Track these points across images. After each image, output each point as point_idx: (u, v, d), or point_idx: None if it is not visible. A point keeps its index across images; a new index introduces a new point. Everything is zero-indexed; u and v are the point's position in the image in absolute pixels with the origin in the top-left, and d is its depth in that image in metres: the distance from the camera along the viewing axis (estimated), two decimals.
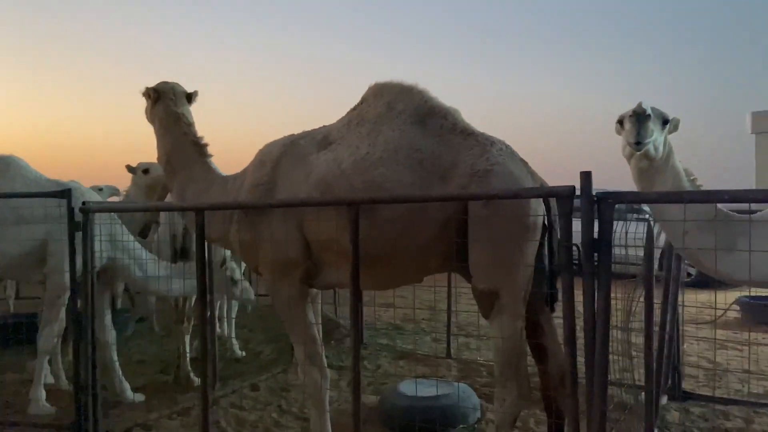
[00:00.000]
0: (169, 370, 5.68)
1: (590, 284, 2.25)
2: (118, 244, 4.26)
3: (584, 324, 2.25)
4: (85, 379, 3.74)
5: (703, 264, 2.99)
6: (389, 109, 3.12)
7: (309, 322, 3.25)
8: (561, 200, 2.31)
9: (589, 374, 2.27)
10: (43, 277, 4.31)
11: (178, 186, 3.61)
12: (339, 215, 2.88)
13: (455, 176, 2.90)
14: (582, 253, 2.25)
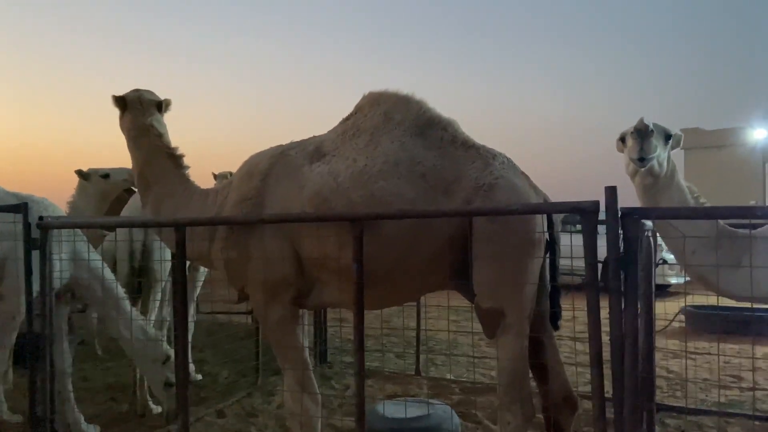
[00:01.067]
0: (121, 398, 5.30)
1: (617, 302, 2.18)
2: (81, 263, 3.90)
3: (612, 343, 2.18)
4: (43, 411, 3.38)
5: (708, 281, 3.00)
6: (387, 119, 2.99)
7: (300, 346, 3.05)
8: (586, 216, 2.24)
9: (617, 394, 2.19)
10: None
11: (153, 201, 3.32)
12: (339, 231, 2.72)
13: (459, 190, 2.79)
14: (609, 271, 2.18)
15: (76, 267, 3.89)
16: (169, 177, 3.33)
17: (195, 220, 3.04)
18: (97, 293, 3.97)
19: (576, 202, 2.26)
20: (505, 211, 2.54)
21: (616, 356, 2.18)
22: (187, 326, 3.01)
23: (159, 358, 4.07)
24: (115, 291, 4.02)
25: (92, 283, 3.95)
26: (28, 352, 3.44)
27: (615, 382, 2.19)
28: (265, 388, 5.46)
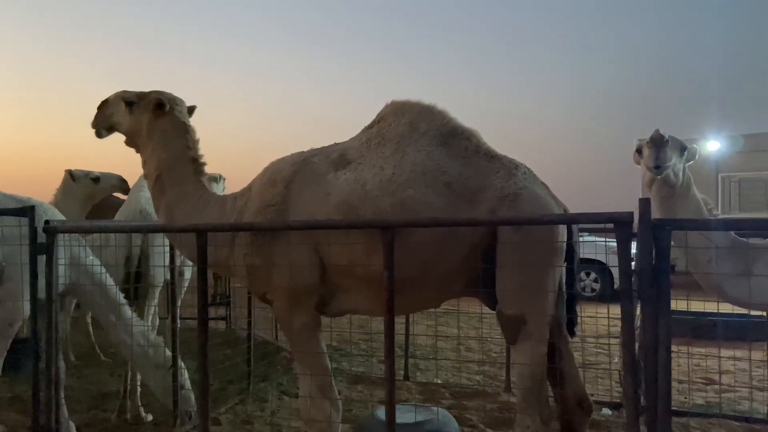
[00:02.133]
0: (105, 406, 5.17)
1: (652, 310, 2.27)
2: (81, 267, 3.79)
3: (646, 350, 2.27)
4: (47, 421, 3.28)
5: (724, 290, 3.13)
6: (412, 129, 3.03)
7: (322, 352, 3.06)
8: (620, 227, 2.33)
9: (650, 400, 2.28)
10: None
11: (166, 206, 3.26)
12: (367, 239, 2.75)
13: (484, 200, 2.86)
14: (643, 280, 2.27)
15: (76, 272, 3.78)
16: (187, 183, 3.28)
17: (217, 226, 3.01)
18: (97, 299, 3.87)
19: (610, 213, 2.35)
20: (540, 221, 2.62)
21: (650, 363, 2.27)
22: (207, 331, 2.97)
23: (162, 364, 4.00)
24: (116, 296, 3.93)
25: (92, 289, 3.85)
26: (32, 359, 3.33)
27: (648, 388, 2.28)
28: (256, 395, 5.40)
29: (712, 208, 3.41)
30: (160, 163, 3.26)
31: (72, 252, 3.73)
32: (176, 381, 4.34)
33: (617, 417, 4.71)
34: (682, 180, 3.24)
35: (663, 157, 3.08)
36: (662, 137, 3.07)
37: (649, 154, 3.10)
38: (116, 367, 6.67)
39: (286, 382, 5.89)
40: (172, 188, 3.24)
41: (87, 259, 3.85)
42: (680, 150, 3.25)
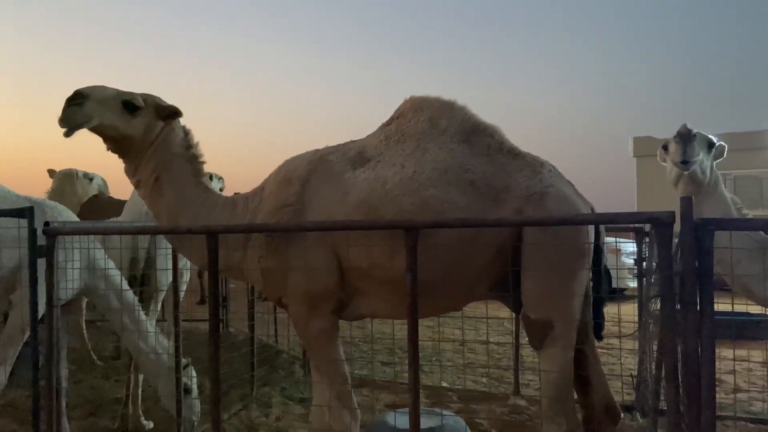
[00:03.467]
0: (101, 413, 5.01)
1: (694, 315, 2.16)
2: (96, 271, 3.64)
3: (687, 356, 2.16)
4: (47, 430, 3.12)
5: (752, 290, 3.04)
6: (432, 125, 2.90)
7: (340, 359, 2.92)
8: (660, 227, 2.22)
9: (695, 408, 2.17)
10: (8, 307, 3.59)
11: (168, 210, 3.07)
12: (389, 240, 2.62)
13: (509, 199, 2.74)
14: (685, 283, 2.16)
15: (91, 275, 3.63)
16: (188, 184, 3.10)
17: (231, 227, 2.86)
18: (111, 302, 3.73)
19: (650, 213, 2.23)
20: (573, 221, 2.51)
21: (693, 369, 2.16)
22: (219, 336, 2.83)
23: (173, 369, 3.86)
24: (131, 300, 3.79)
25: (106, 292, 3.70)
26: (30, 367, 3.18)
27: (691, 394, 2.17)
28: (260, 400, 5.26)
29: (741, 208, 3.31)
30: (157, 165, 3.05)
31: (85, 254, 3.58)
32: (179, 387, 4.20)
33: (630, 420, 4.61)
34: (709, 178, 3.14)
35: (690, 152, 2.97)
36: (690, 131, 2.97)
37: (676, 149, 2.99)
38: (111, 371, 6.52)
39: (289, 386, 5.75)
40: (171, 190, 3.05)
41: (101, 261, 3.70)
42: (708, 146, 3.15)
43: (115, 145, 3.06)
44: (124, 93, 3.01)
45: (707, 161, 3.13)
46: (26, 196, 3.82)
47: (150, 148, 3.03)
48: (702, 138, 3.10)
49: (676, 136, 2.98)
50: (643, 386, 4.51)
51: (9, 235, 3.35)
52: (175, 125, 3.12)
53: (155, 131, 3.02)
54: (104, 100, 2.93)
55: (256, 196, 3.06)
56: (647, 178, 18.51)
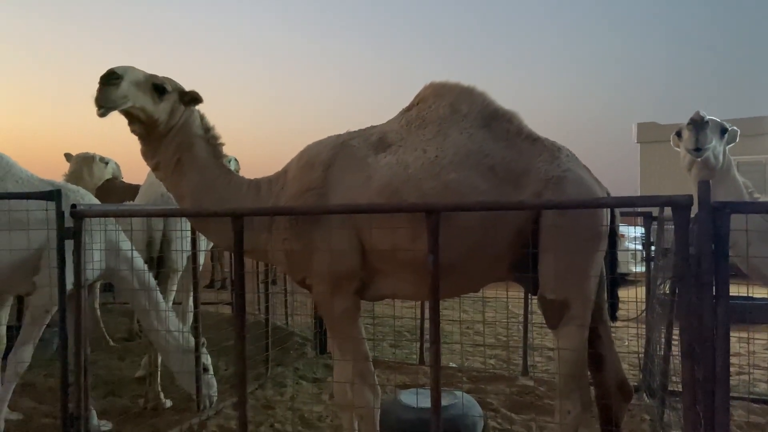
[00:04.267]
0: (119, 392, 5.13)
1: (709, 295, 2.24)
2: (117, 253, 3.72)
3: (704, 336, 2.24)
4: (77, 409, 3.22)
5: (763, 273, 3.12)
6: (453, 111, 2.97)
7: (362, 337, 3.01)
8: (678, 210, 2.29)
9: (708, 386, 2.26)
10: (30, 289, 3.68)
11: (192, 192, 3.11)
12: (411, 223, 2.69)
13: (528, 183, 2.81)
14: (702, 264, 2.24)
15: (113, 257, 3.72)
16: (209, 166, 3.15)
17: (256, 210, 2.94)
18: (132, 284, 3.81)
19: (669, 196, 2.30)
20: (592, 204, 2.59)
21: (708, 348, 2.25)
22: (244, 316, 2.91)
23: (189, 350, 3.95)
24: (150, 281, 3.87)
25: (128, 274, 3.78)
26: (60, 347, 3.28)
27: (706, 370, 2.26)
28: (274, 380, 5.38)
29: (753, 191, 3.38)
30: (179, 146, 3.09)
31: (108, 237, 3.66)
32: (199, 366, 4.31)
33: (637, 400, 4.70)
34: (722, 162, 3.20)
35: (703, 139, 3.04)
36: (702, 118, 3.03)
37: (689, 136, 3.06)
38: (126, 352, 6.64)
39: (302, 366, 5.87)
40: (194, 171, 3.09)
41: (123, 243, 3.78)
42: (720, 132, 3.21)
43: (140, 128, 3.06)
44: (152, 76, 3.02)
45: (720, 147, 3.19)
46: (49, 180, 3.90)
47: (171, 131, 3.07)
48: (715, 124, 3.16)
49: (689, 123, 3.04)
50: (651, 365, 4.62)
51: (33, 218, 3.43)
52: (193, 109, 3.16)
53: (177, 115, 3.06)
54: (137, 81, 2.92)
55: (279, 179, 3.12)
56: (651, 165, 18.53)
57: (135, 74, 2.93)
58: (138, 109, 2.93)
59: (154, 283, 4.12)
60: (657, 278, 4.46)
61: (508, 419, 4.48)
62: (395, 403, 4.27)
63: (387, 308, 6.32)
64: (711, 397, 2.25)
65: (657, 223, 4.73)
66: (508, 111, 3.02)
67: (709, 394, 2.26)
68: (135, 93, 2.89)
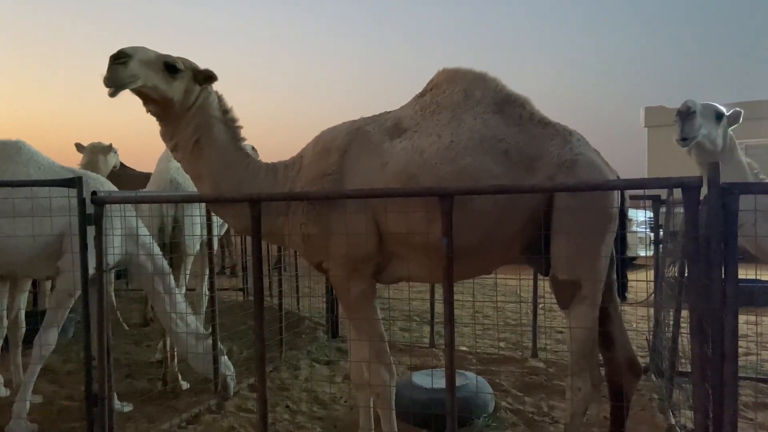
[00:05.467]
0: (137, 375, 5.25)
1: (719, 274, 2.30)
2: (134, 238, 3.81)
3: (713, 315, 2.31)
4: (100, 390, 3.32)
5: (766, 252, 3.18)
6: (467, 96, 3.02)
7: (378, 319, 3.10)
8: (688, 191, 2.34)
9: (716, 363, 2.33)
10: (53, 273, 3.77)
11: (211, 171, 3.15)
12: (426, 207, 2.76)
13: (541, 167, 2.87)
14: (711, 244, 2.30)
15: (132, 242, 3.80)
16: (228, 148, 3.20)
17: (273, 195, 3.01)
18: (148, 269, 3.90)
19: (679, 178, 2.36)
20: (604, 186, 2.64)
21: (717, 326, 2.31)
22: (263, 301, 2.99)
23: (202, 335, 4.04)
24: (164, 267, 3.96)
25: (145, 259, 3.87)
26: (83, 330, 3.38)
27: (714, 351, 2.32)
28: (288, 362, 5.49)
29: (759, 172, 3.43)
30: (197, 127, 3.11)
31: (127, 223, 3.74)
32: (216, 349, 4.41)
33: (646, 380, 4.78)
34: (722, 145, 3.27)
35: (689, 129, 3.16)
36: (688, 109, 3.14)
37: (676, 127, 3.17)
38: (141, 337, 6.77)
39: (314, 350, 5.98)
40: (212, 152, 3.12)
41: (140, 229, 3.86)
42: (715, 117, 3.29)
43: (155, 107, 3.06)
44: (164, 55, 3.00)
45: (716, 131, 3.27)
46: (69, 167, 3.98)
47: (188, 112, 3.09)
48: (707, 110, 3.23)
49: (676, 114, 3.14)
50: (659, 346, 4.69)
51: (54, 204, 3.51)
52: (210, 90, 3.17)
53: (193, 95, 3.07)
54: (147, 60, 2.89)
55: (295, 164, 3.18)
56: (658, 149, 18.47)
57: (145, 53, 2.90)
58: (150, 88, 2.91)
59: (169, 268, 4.21)
60: (665, 261, 4.51)
61: (518, 399, 4.57)
62: (408, 384, 4.37)
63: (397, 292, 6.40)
64: (720, 373, 2.32)
65: (665, 206, 4.78)
66: (520, 96, 3.07)
67: (718, 371, 2.32)
68: (145, 72, 2.87)
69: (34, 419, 4.17)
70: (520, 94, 3.08)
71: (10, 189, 3.51)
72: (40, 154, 3.99)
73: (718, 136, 3.29)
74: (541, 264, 3.00)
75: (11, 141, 4.01)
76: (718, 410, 2.34)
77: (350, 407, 4.42)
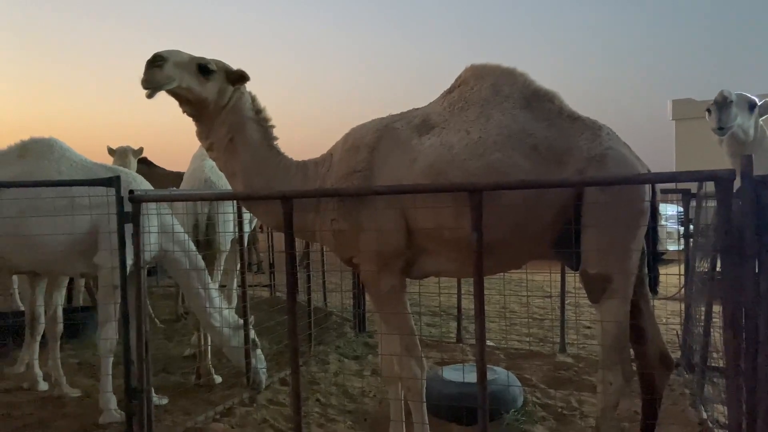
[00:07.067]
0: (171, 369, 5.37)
1: (752, 267, 2.30)
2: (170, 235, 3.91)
3: (747, 307, 2.30)
4: (140, 383, 3.42)
5: None
6: (495, 92, 3.04)
7: (408, 313, 3.14)
8: (721, 184, 2.34)
9: (751, 356, 2.32)
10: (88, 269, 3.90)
11: (244, 169, 3.23)
12: (455, 202, 2.78)
13: (571, 161, 2.87)
14: (746, 236, 2.29)
15: (167, 239, 3.90)
16: (261, 147, 3.28)
17: (304, 192, 3.07)
18: (184, 265, 3.99)
19: (712, 171, 2.35)
20: (636, 180, 2.64)
21: (751, 319, 2.30)
22: (296, 296, 3.06)
23: (238, 326, 4.13)
24: (199, 263, 4.05)
25: (181, 255, 3.97)
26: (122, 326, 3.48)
27: (748, 345, 2.32)
28: (317, 357, 5.56)
29: None
30: (231, 127, 3.19)
31: (162, 220, 3.84)
32: (248, 342, 4.50)
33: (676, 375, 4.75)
34: (753, 135, 3.27)
35: (725, 118, 3.16)
36: (725, 99, 3.13)
37: (712, 116, 3.17)
38: (173, 332, 6.91)
39: (342, 344, 6.05)
40: (246, 152, 3.21)
41: (175, 227, 3.96)
42: (749, 107, 3.28)
43: (190, 108, 3.19)
44: (197, 57, 3.13)
45: (749, 121, 3.27)
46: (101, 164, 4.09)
47: (222, 111, 3.19)
48: (742, 100, 3.22)
49: (712, 104, 3.14)
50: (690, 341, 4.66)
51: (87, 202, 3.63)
52: (243, 90, 3.27)
53: (227, 95, 3.17)
54: (181, 62, 3.02)
55: (325, 161, 3.24)
56: (686, 142, 18.19)
57: (179, 56, 3.05)
58: (184, 89, 3.04)
59: (203, 264, 4.31)
60: (695, 255, 4.48)
61: (547, 394, 4.57)
62: (437, 378, 4.40)
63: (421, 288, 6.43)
64: (754, 367, 2.31)
65: (695, 200, 4.74)
66: (548, 91, 3.08)
67: (752, 365, 2.32)
68: (180, 74, 3.00)
69: (73, 413, 4.31)
70: (548, 89, 3.08)
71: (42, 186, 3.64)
72: (72, 150, 4.11)
73: (751, 126, 3.28)
74: (570, 258, 3.00)
75: (44, 138, 4.14)
76: (751, 404, 2.33)
77: (379, 401, 4.47)
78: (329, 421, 4.14)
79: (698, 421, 3.86)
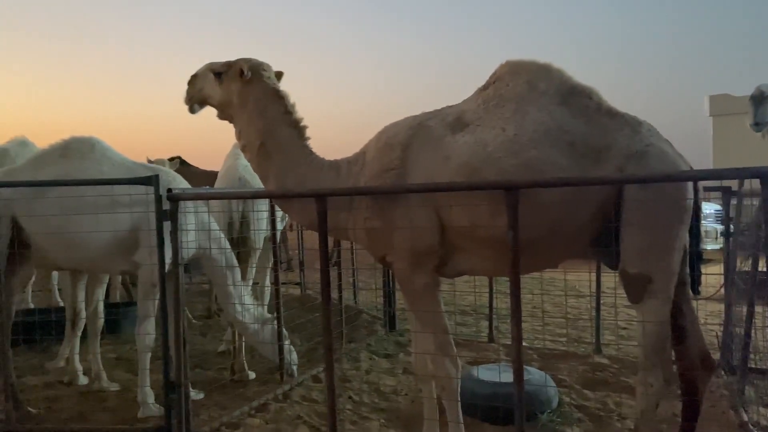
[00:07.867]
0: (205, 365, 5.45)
1: None
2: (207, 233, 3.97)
3: None
4: (177, 377, 3.48)
5: None
6: (531, 88, 3.00)
7: (441, 312, 3.12)
8: (766, 181, 2.27)
9: None
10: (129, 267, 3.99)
11: (276, 173, 3.29)
12: (491, 200, 2.76)
13: (610, 158, 2.81)
14: None
15: (205, 237, 3.96)
16: (293, 148, 3.31)
17: (336, 190, 3.08)
18: (220, 263, 4.06)
19: (756, 168, 2.29)
20: (679, 177, 2.59)
21: None
22: (329, 294, 3.07)
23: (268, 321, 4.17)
24: (233, 261, 4.11)
25: (217, 253, 4.03)
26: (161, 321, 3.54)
27: None
28: (349, 355, 5.59)
29: None
30: (259, 131, 3.26)
31: (200, 218, 3.90)
32: (281, 339, 4.55)
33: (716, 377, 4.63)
34: None
35: (762, 114, 3.10)
36: (761, 94, 3.09)
37: (749, 112, 3.12)
38: (207, 329, 7.02)
39: (373, 342, 6.06)
40: (279, 154, 3.26)
41: (212, 224, 4.02)
42: None
43: (219, 112, 3.46)
44: (215, 63, 3.39)
45: None
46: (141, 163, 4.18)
47: (244, 112, 3.30)
48: None
49: (749, 100, 3.09)
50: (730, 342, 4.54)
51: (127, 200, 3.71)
52: (265, 88, 3.32)
53: (243, 91, 3.30)
54: (203, 73, 3.37)
55: (358, 160, 3.24)
56: (724, 138, 17.72)
57: (203, 68, 3.39)
58: (207, 96, 3.40)
59: (236, 261, 4.37)
60: (736, 254, 4.36)
61: (582, 395, 4.50)
62: (471, 377, 4.37)
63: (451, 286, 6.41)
64: None
65: (736, 198, 4.61)
66: (586, 87, 3.02)
67: None
68: (202, 83, 3.38)
69: (112, 407, 4.40)
70: (586, 85, 3.03)
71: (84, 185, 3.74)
72: (113, 150, 4.20)
73: None
74: (609, 257, 2.95)
75: (85, 138, 4.23)
76: None
77: (411, 399, 4.47)
78: (362, 418, 4.15)
79: (739, 424, 3.76)
